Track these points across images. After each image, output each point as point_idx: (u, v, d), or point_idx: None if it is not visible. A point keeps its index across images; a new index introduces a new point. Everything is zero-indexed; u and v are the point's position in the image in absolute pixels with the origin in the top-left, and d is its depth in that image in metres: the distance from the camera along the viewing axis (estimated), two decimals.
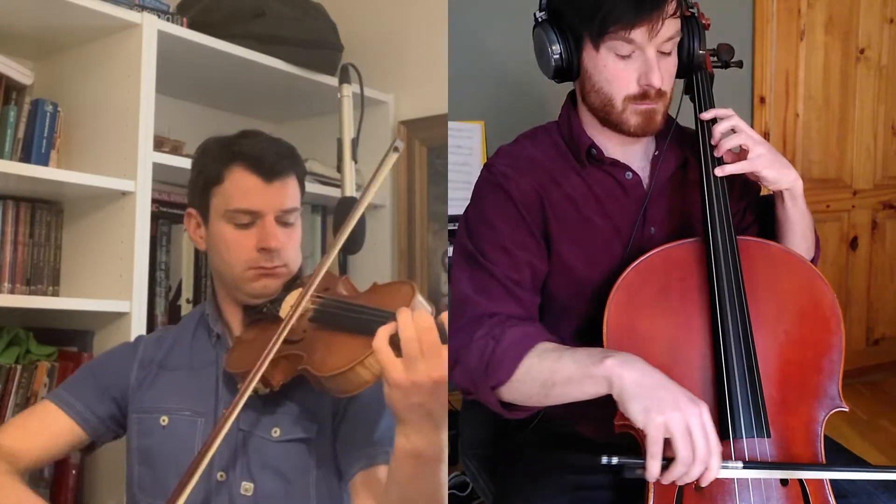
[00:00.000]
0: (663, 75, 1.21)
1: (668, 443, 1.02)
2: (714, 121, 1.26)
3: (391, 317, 1.04)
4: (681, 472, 1.03)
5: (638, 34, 1.18)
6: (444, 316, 1.03)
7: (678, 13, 1.20)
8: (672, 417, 1.01)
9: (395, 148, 1.18)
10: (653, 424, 1.01)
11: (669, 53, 1.23)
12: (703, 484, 1.04)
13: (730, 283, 1.14)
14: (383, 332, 1.01)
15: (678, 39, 1.24)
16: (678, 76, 1.30)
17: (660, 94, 1.23)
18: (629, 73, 1.21)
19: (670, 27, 1.19)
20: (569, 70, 1.27)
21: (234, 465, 1.20)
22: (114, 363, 1.34)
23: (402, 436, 1.02)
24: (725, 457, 1.05)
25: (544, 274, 1.27)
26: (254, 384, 1.13)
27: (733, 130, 1.23)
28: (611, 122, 1.26)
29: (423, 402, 0.99)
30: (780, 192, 1.25)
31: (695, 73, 1.32)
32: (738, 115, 1.24)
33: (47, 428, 1.27)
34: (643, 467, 1.03)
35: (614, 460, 1.04)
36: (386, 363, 0.99)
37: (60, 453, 1.31)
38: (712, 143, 1.24)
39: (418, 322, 0.99)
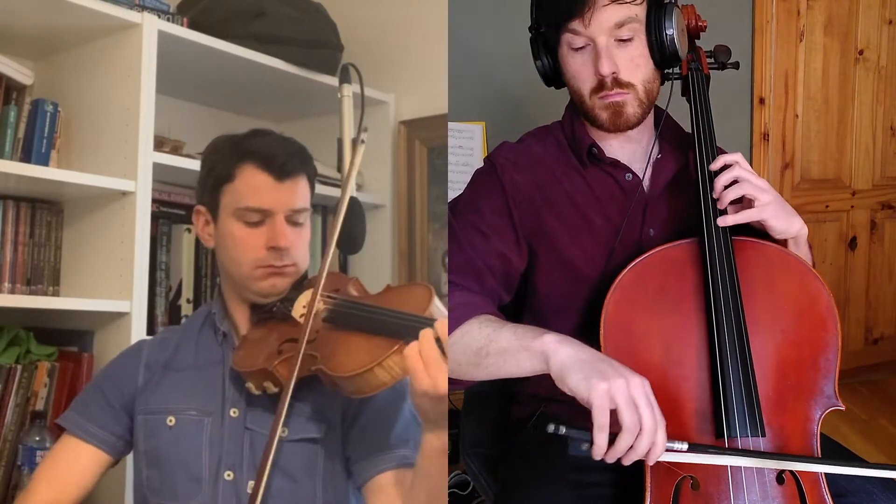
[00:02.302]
0: (620, 63, 1.21)
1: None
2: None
3: (410, 318, 1.05)
4: (627, 444, 0.99)
5: (577, 24, 1.20)
6: (445, 322, 1.04)
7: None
8: (616, 384, 0.99)
9: (361, 140, 1.20)
10: (596, 392, 0.99)
11: (630, 40, 1.22)
12: (650, 462, 1.02)
13: (725, 282, 1.15)
14: (415, 347, 1.02)
15: (637, 26, 1.22)
16: (663, 69, 1.28)
17: (619, 83, 1.23)
18: (585, 66, 1.24)
19: (616, 13, 1.20)
20: (554, 76, 1.30)
21: (242, 464, 1.20)
22: (119, 375, 1.32)
23: (432, 435, 1.05)
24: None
25: (516, 271, 1.28)
26: (290, 393, 1.14)
27: (736, 181, 1.20)
28: (589, 119, 1.28)
29: (443, 408, 1.02)
30: (785, 239, 1.24)
31: (690, 70, 1.33)
32: (743, 159, 1.22)
33: (74, 466, 1.27)
34: (590, 441, 1.00)
35: (562, 429, 1.00)
36: (419, 376, 1.01)
37: (93, 483, 1.29)
38: (714, 196, 1.21)
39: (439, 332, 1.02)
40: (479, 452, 1.51)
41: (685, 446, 1.03)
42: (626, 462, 1.02)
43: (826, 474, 1.11)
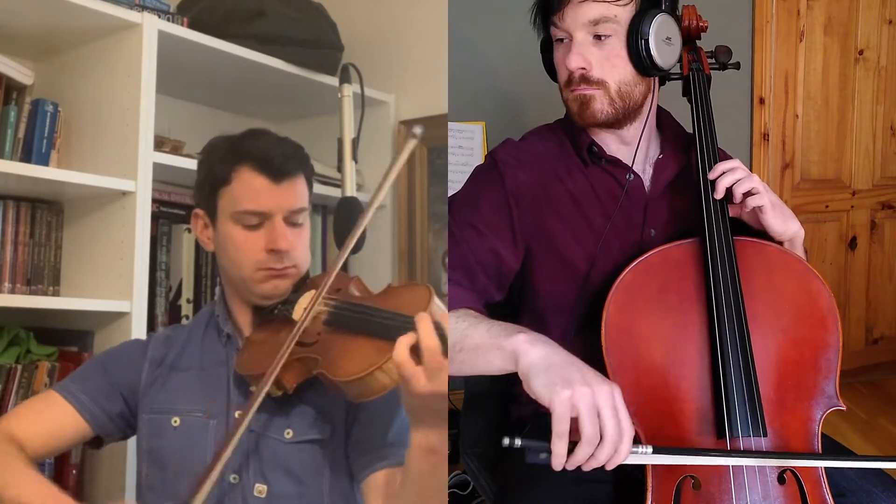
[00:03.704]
0: (594, 60, 1.22)
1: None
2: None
3: (410, 321, 1.03)
4: (586, 454, 0.97)
5: (557, 17, 1.24)
6: (445, 317, 1.04)
7: None
8: (579, 393, 0.96)
9: (413, 134, 1.16)
10: (558, 399, 0.96)
11: (607, 39, 1.22)
12: (609, 468, 0.99)
13: (726, 282, 1.15)
14: (404, 343, 1.01)
15: (616, 27, 1.22)
16: (643, 74, 1.26)
17: (587, 79, 1.23)
18: (561, 58, 1.26)
19: (591, 10, 1.21)
20: (551, 70, 1.32)
21: (247, 467, 1.20)
22: (124, 360, 1.32)
23: (419, 434, 1.03)
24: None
25: (510, 269, 1.28)
26: (266, 389, 1.13)
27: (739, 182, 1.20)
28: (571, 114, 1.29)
29: (441, 406, 1.01)
30: (781, 241, 1.24)
31: (691, 71, 1.33)
32: (743, 166, 1.22)
33: (52, 418, 1.25)
34: (548, 450, 0.97)
35: (517, 442, 0.98)
36: (409, 374, 1.00)
37: (64, 446, 1.29)
38: (716, 196, 1.21)
39: (440, 332, 1.00)
40: (478, 452, 1.51)
41: (649, 449, 1.02)
42: (587, 468, 0.99)
43: (827, 474, 1.11)
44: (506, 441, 0.98)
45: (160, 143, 1.82)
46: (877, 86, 3.20)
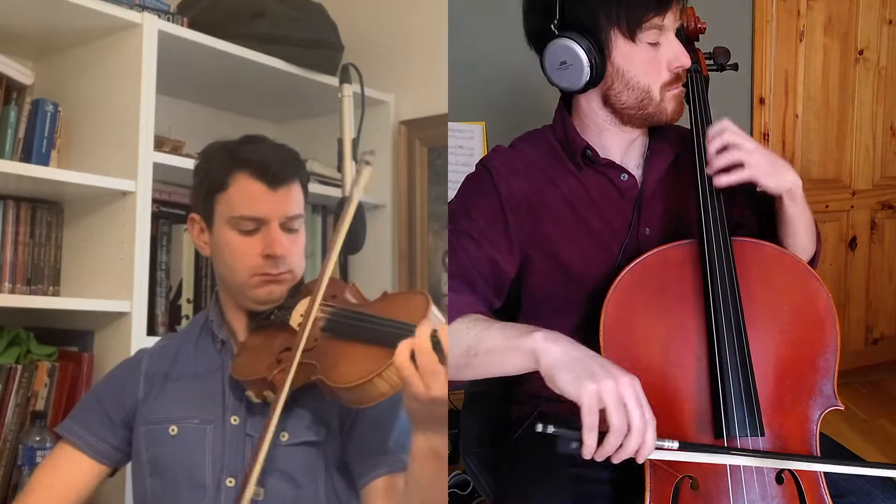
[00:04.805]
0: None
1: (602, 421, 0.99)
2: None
3: (409, 328, 1.04)
4: (615, 445, 0.99)
5: (669, 18, 1.21)
6: (445, 326, 1.04)
7: None
8: (605, 385, 0.99)
9: (366, 162, 1.19)
10: (586, 392, 0.98)
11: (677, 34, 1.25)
12: (639, 461, 1.01)
13: (724, 283, 1.15)
14: (405, 347, 1.01)
15: None
16: None
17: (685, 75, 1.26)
18: (659, 61, 1.23)
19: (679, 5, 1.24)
20: (599, 76, 1.23)
21: (243, 471, 1.20)
22: (120, 387, 1.32)
23: (421, 438, 1.04)
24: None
25: (507, 277, 1.28)
26: (281, 403, 1.13)
27: (727, 147, 1.21)
28: (645, 116, 1.26)
29: (441, 412, 1.01)
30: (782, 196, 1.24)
31: (689, 72, 1.33)
32: (732, 125, 1.22)
33: (72, 476, 1.27)
34: (579, 440, 0.99)
35: (550, 429, 1.00)
36: (409, 378, 1.00)
37: (90, 494, 1.29)
38: (708, 171, 1.22)
39: (435, 339, 1.01)
40: (479, 452, 1.51)
41: (676, 444, 1.03)
42: (616, 460, 1.01)
43: (825, 474, 1.11)
44: (539, 427, 1.00)
45: (160, 143, 1.83)
46: (877, 86, 3.20)
